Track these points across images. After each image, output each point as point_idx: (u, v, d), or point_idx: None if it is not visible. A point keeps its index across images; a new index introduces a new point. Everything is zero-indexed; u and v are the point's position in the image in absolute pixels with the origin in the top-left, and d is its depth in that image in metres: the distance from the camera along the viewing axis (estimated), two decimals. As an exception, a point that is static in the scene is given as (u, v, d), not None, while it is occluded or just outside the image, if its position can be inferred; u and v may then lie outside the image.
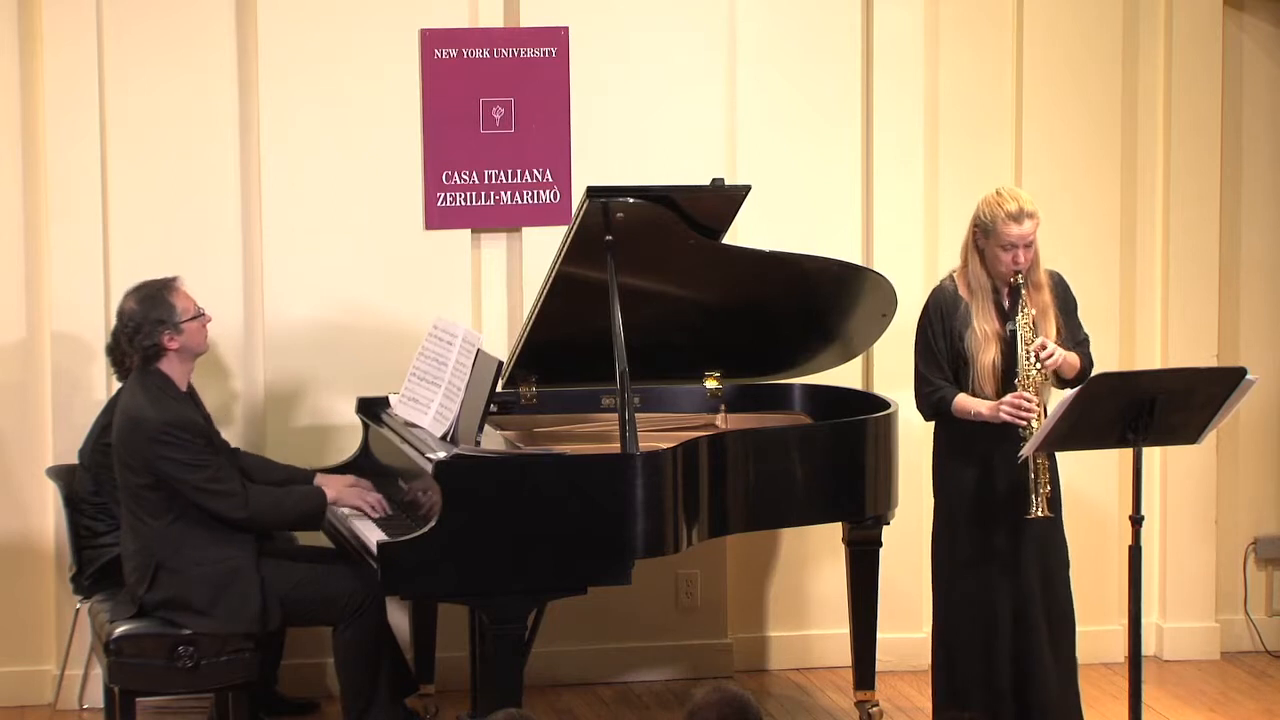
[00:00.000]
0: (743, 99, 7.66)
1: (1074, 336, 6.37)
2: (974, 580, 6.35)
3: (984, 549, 6.32)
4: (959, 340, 6.31)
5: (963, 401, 6.28)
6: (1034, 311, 6.22)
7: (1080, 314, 6.45)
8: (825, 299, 6.96)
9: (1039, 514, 6.12)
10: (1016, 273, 6.20)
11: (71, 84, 7.28)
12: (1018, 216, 6.19)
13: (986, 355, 6.26)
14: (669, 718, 7.25)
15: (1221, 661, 7.94)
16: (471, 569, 5.97)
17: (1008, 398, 6.17)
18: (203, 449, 6.34)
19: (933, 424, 6.49)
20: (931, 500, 6.51)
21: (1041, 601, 6.33)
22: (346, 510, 6.58)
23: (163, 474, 6.29)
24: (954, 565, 6.40)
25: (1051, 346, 6.19)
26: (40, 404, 7.35)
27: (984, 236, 6.25)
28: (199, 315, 6.48)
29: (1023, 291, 6.19)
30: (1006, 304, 6.27)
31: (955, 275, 6.39)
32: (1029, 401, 6.13)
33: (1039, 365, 6.16)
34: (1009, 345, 6.24)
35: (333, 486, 6.61)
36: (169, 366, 6.42)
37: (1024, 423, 6.12)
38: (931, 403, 6.36)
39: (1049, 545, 6.34)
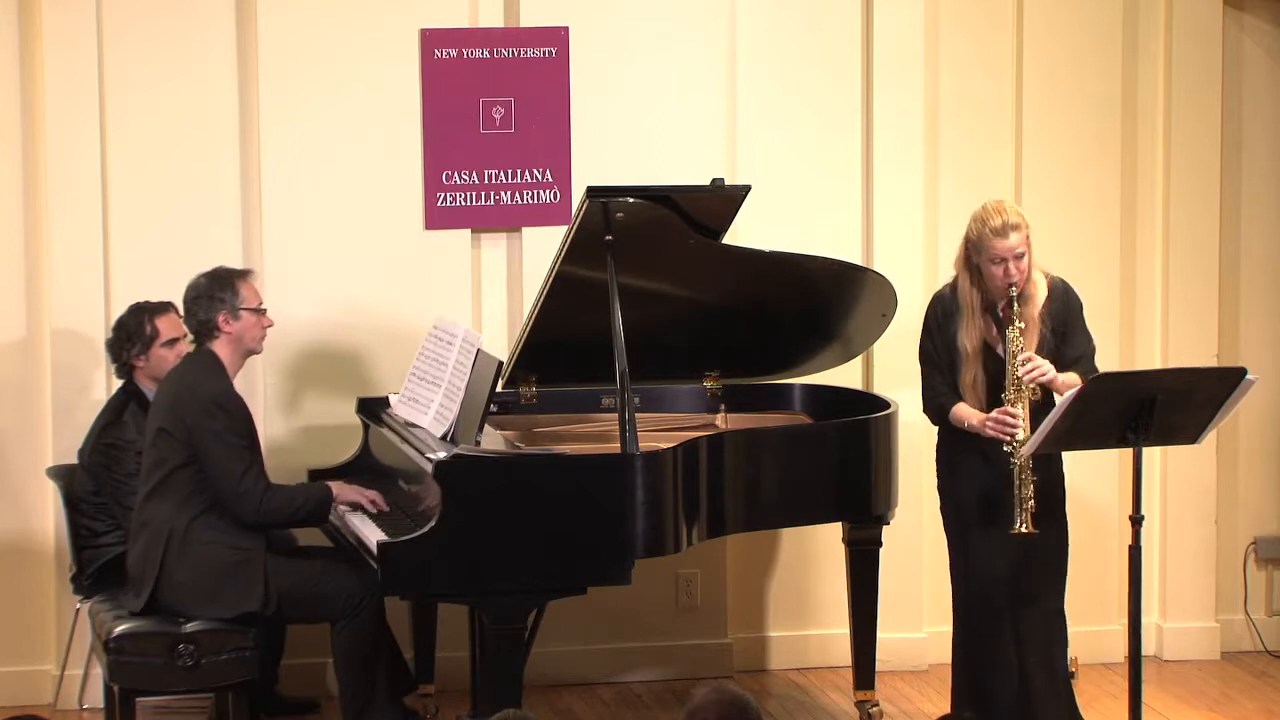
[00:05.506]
0: (743, 99, 7.66)
1: (1074, 349, 6.34)
2: (984, 585, 6.35)
3: (992, 553, 6.32)
4: (953, 351, 6.35)
5: (958, 411, 6.33)
6: (1023, 325, 6.23)
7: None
8: (825, 299, 6.96)
9: (1023, 530, 6.11)
10: (1011, 285, 6.20)
11: (71, 84, 7.28)
12: (1002, 230, 6.20)
13: (968, 373, 6.30)
14: (669, 718, 7.24)
15: (1221, 661, 7.94)
16: (471, 569, 5.97)
17: (993, 412, 6.20)
18: (246, 436, 6.39)
19: (933, 428, 6.50)
20: (930, 501, 6.51)
21: (1039, 604, 6.34)
22: (345, 508, 6.59)
23: (200, 447, 6.31)
24: (966, 571, 6.40)
25: (1037, 361, 6.17)
26: (40, 403, 7.35)
27: (975, 253, 6.27)
28: (259, 310, 6.52)
29: (1015, 305, 6.20)
30: (1002, 314, 6.26)
31: (957, 280, 6.40)
32: (1012, 417, 6.13)
33: (1025, 381, 6.15)
34: (995, 361, 6.25)
35: (333, 485, 6.62)
36: (221, 351, 6.46)
37: (1007, 438, 6.13)
38: (934, 407, 6.42)
39: (1049, 548, 6.34)
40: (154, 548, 6.34)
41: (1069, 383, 6.19)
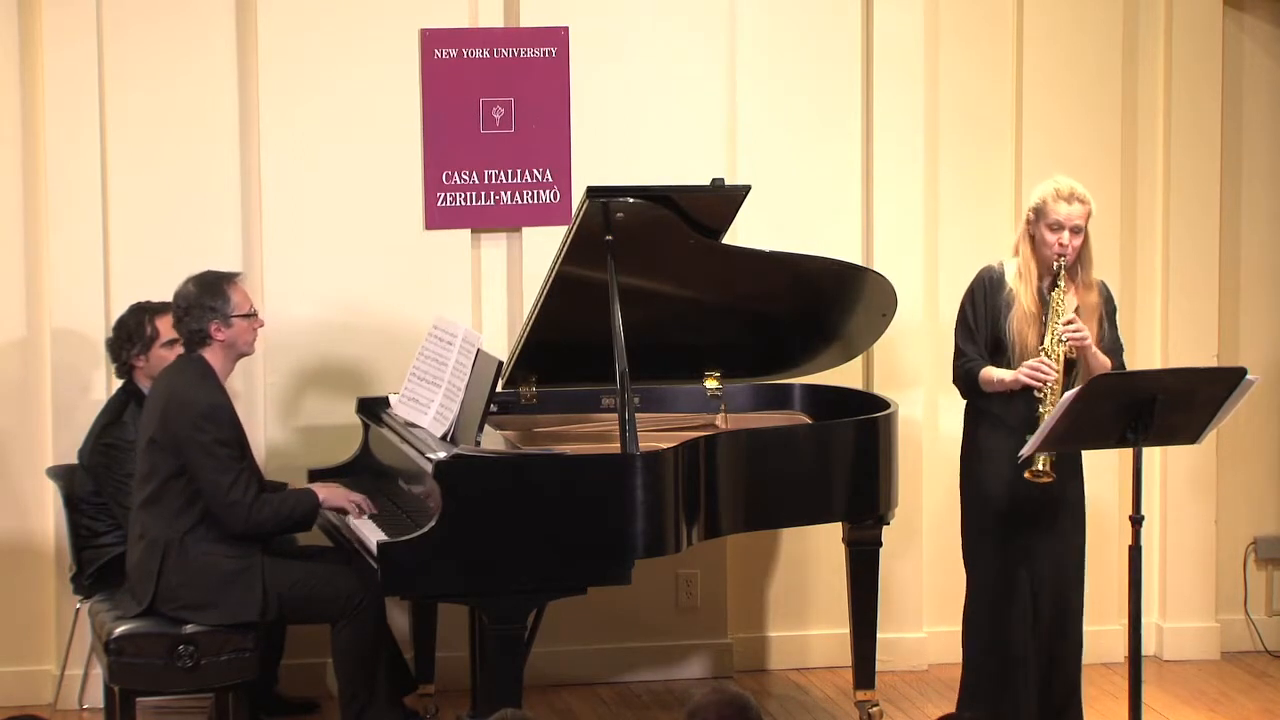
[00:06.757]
0: (743, 99, 7.66)
1: (1107, 344, 6.38)
2: (1001, 583, 6.35)
3: (1010, 553, 6.33)
4: (998, 321, 6.35)
5: (987, 372, 6.34)
6: (1073, 298, 6.26)
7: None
8: (825, 299, 6.96)
9: (1040, 468, 6.11)
10: (1060, 257, 6.24)
11: (71, 84, 7.28)
12: (1068, 198, 6.27)
13: (1032, 336, 6.29)
14: (669, 718, 7.24)
15: (1221, 661, 7.94)
16: (471, 569, 5.97)
17: (1028, 361, 6.22)
18: (234, 446, 6.36)
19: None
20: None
21: (1058, 610, 6.34)
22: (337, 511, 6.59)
23: (188, 458, 6.29)
24: (986, 573, 6.40)
25: (1080, 325, 6.22)
26: (40, 403, 7.35)
27: (1036, 219, 6.32)
28: (251, 315, 6.50)
29: (1063, 276, 6.25)
30: (1048, 292, 6.29)
31: (1005, 262, 6.43)
32: (1048, 366, 6.16)
33: (1064, 338, 6.18)
34: (1044, 326, 6.29)
35: (319, 490, 6.60)
36: (213, 358, 6.43)
37: (1039, 384, 6.15)
38: (963, 374, 6.42)
39: (1067, 550, 6.35)
40: (151, 560, 6.33)
41: (1101, 360, 6.25)
